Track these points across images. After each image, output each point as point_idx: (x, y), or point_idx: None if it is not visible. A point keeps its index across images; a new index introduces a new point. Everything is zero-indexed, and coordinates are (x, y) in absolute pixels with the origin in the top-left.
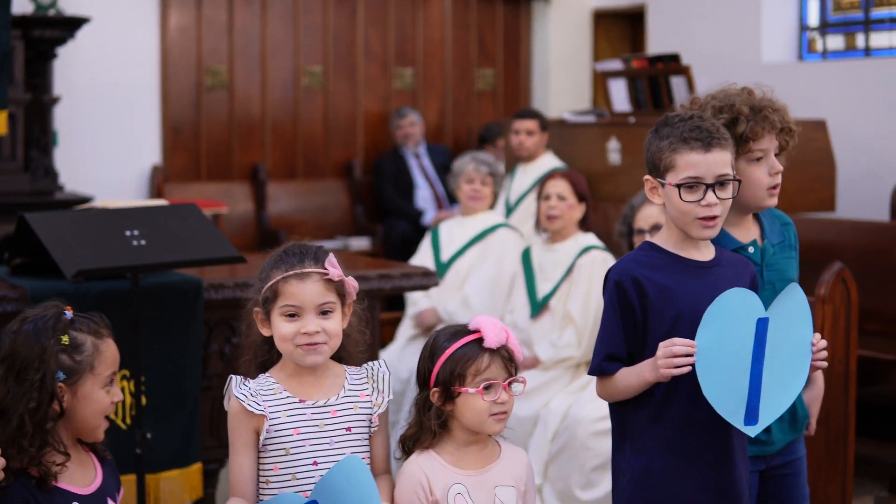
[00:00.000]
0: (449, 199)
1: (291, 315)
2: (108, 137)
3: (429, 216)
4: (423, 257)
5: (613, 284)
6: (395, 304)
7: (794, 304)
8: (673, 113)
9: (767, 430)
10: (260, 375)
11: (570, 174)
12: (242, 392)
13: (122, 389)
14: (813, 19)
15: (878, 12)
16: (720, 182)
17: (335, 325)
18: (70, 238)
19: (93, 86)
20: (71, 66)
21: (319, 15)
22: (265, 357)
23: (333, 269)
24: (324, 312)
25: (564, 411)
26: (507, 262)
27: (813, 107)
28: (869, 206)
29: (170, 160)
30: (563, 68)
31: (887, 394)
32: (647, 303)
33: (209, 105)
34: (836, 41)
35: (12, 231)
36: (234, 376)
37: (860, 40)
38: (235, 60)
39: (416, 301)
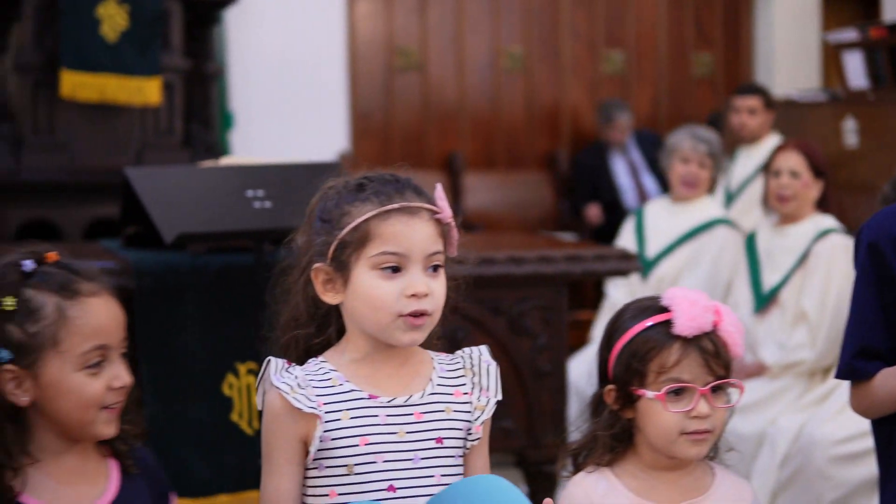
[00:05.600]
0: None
1: (393, 269)
2: (289, 120)
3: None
4: (624, 245)
5: (866, 248)
6: (582, 300)
7: None
8: None
9: None
10: (310, 360)
11: (804, 145)
12: (286, 382)
13: (248, 387)
14: None
15: None
16: None
17: (442, 287)
18: (177, 197)
19: (271, 63)
20: (246, 39)
21: None
22: (315, 339)
23: (445, 205)
24: (433, 268)
25: (796, 431)
26: (724, 270)
27: None
28: None
29: (359, 147)
30: (790, 48)
31: None
32: None
33: (401, 88)
34: None
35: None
36: (272, 359)
37: None
38: (429, 40)
39: (619, 302)
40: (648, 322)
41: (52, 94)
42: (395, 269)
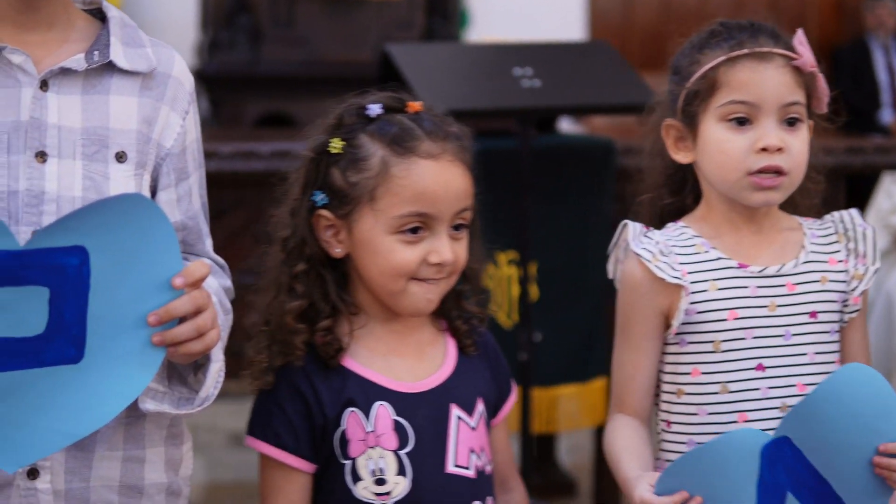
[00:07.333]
0: None
1: (740, 121)
2: (525, 18)
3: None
4: None
5: None
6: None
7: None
8: None
9: None
10: (669, 225)
11: None
12: (647, 249)
13: (508, 279)
14: None
15: None
16: None
17: (802, 143)
18: (441, 75)
19: None
20: None
21: None
22: (670, 200)
23: (806, 51)
24: (789, 121)
25: None
26: None
27: None
28: None
29: None
30: None
31: None
32: None
33: None
34: None
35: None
36: (629, 223)
37: None
38: None
39: None
40: None
41: None
42: (745, 121)
